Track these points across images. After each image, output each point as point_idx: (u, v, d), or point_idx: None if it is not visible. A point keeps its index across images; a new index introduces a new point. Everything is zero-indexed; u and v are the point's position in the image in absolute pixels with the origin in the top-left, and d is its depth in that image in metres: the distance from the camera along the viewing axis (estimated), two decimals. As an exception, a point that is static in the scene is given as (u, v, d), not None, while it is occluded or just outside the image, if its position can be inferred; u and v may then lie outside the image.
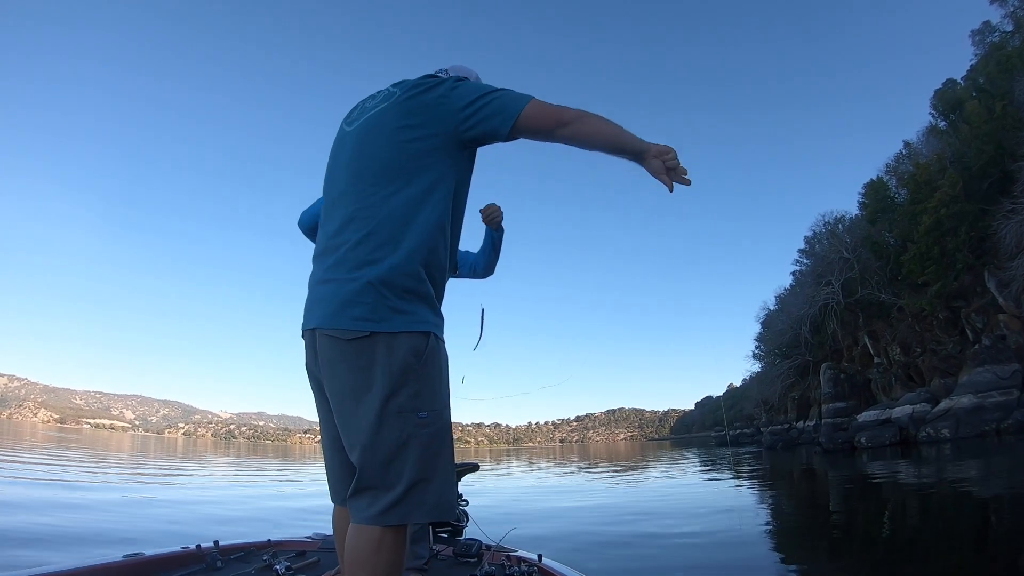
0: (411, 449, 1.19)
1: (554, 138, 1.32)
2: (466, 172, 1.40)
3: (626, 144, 1.34)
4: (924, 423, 22.36)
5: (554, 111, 1.30)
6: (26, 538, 4.52)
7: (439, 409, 1.26)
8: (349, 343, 1.22)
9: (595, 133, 1.33)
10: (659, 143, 1.35)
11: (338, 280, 1.26)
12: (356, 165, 1.33)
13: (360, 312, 1.21)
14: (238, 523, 6.65)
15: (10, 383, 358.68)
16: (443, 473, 1.25)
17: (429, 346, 1.25)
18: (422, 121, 1.30)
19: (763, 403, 44.49)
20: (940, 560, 4.57)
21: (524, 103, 1.29)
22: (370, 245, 1.25)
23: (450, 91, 1.31)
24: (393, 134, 1.30)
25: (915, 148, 34.97)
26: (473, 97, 1.30)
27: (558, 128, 1.30)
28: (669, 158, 1.33)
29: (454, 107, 1.29)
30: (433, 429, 1.23)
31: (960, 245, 26.05)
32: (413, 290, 1.25)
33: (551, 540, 5.41)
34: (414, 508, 1.19)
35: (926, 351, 26.88)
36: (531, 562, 2.35)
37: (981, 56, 32.41)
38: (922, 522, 6.45)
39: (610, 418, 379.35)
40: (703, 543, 5.35)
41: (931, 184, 27.77)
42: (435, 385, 1.26)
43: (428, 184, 1.30)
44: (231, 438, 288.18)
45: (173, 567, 2.07)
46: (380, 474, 1.19)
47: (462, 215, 1.44)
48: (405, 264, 1.24)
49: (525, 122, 1.29)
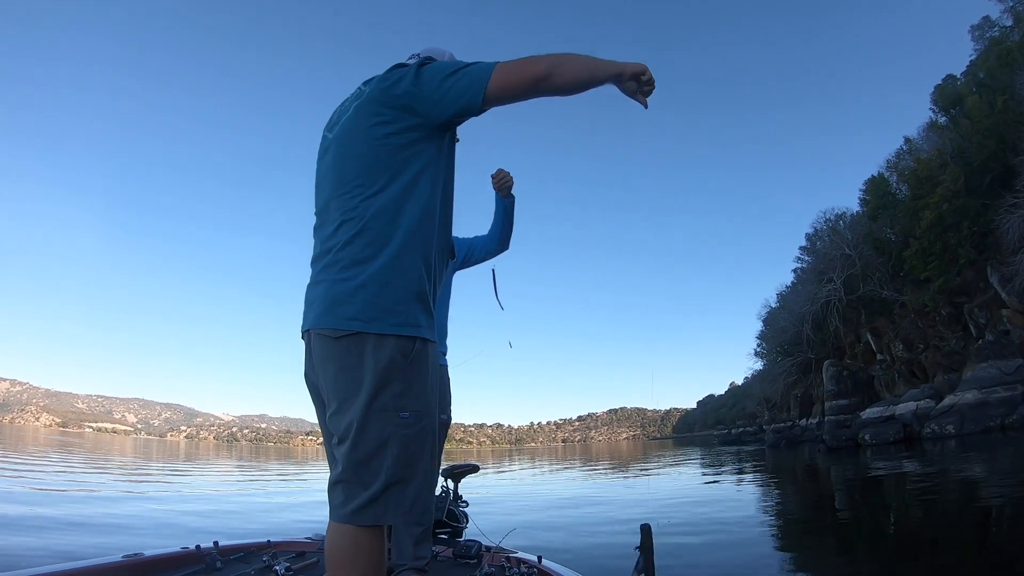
0: (390, 449, 1.19)
1: (535, 95, 1.29)
2: (448, 154, 1.40)
3: (604, 74, 1.31)
4: (928, 419, 22.25)
5: (524, 68, 1.25)
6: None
7: (422, 411, 1.25)
8: (338, 341, 1.23)
9: (574, 79, 1.28)
10: (633, 62, 1.34)
11: (329, 281, 1.27)
12: (339, 169, 1.33)
13: (350, 311, 1.22)
14: (238, 524, 6.63)
15: (12, 387, 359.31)
16: (422, 475, 1.23)
17: (416, 348, 1.25)
18: (395, 115, 1.29)
19: (765, 401, 44.52)
20: (946, 557, 4.52)
21: (490, 72, 1.25)
22: (360, 243, 1.25)
23: (416, 78, 1.29)
24: (369, 132, 1.30)
25: (916, 144, 34.92)
26: (440, 80, 1.27)
27: (536, 85, 1.26)
28: (646, 78, 1.34)
29: (423, 94, 1.28)
30: (414, 430, 1.22)
31: (962, 240, 25.97)
32: (405, 287, 1.25)
33: (552, 540, 5.33)
34: (389, 509, 1.18)
35: (929, 347, 26.80)
36: (531, 564, 2.35)
37: (981, 51, 32.38)
38: (929, 519, 6.39)
39: (612, 418, 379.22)
40: (706, 542, 5.30)
41: (932, 180, 27.69)
42: (420, 387, 1.26)
43: (412, 175, 1.29)
44: (233, 441, 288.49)
45: (172, 567, 2.06)
46: (357, 471, 1.19)
47: (451, 197, 1.43)
48: (397, 259, 1.25)
49: (496, 91, 1.25)
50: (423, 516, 1.25)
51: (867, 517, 6.66)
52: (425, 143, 1.31)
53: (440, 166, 1.36)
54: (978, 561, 4.26)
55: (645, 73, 1.33)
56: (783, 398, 40.40)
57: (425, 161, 1.31)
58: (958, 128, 29.23)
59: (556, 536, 5.76)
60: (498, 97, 1.26)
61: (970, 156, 26.98)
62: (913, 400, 24.26)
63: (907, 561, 4.41)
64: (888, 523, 6.17)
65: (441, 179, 1.36)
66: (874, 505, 7.77)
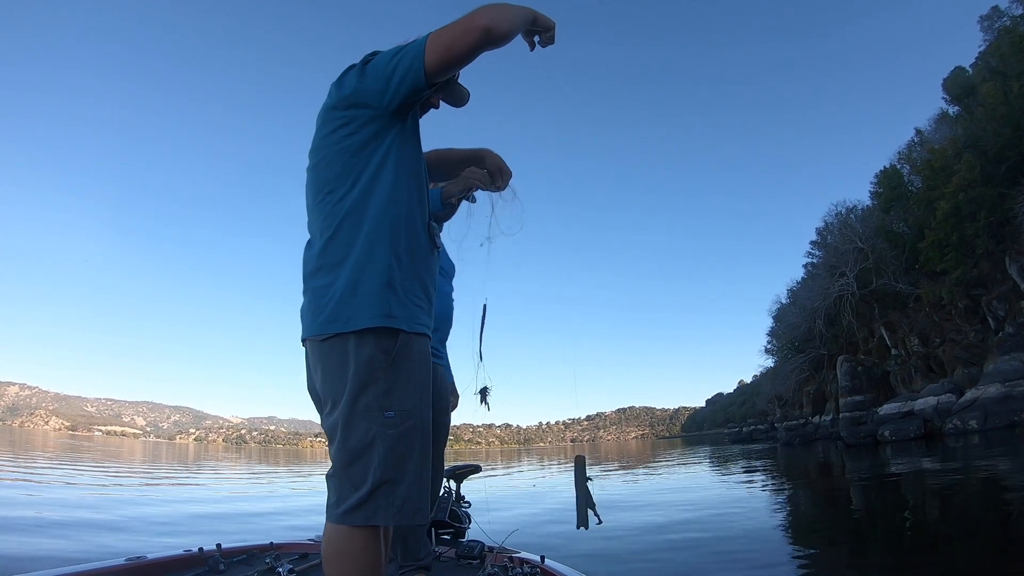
0: (376, 449, 1.18)
1: (482, 50, 1.25)
2: (412, 128, 1.38)
3: (526, 18, 1.33)
4: (950, 415, 21.70)
5: (461, 28, 1.22)
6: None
7: (409, 409, 1.23)
8: (322, 344, 1.25)
9: (511, 26, 1.27)
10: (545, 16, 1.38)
11: (312, 289, 1.29)
12: (313, 181, 1.35)
13: (329, 315, 1.24)
14: (240, 525, 6.62)
15: (21, 391, 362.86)
16: (412, 476, 1.22)
17: (400, 343, 1.24)
18: (351, 115, 1.30)
19: (777, 398, 43.98)
20: (985, 558, 4.24)
21: (423, 44, 1.23)
22: (333, 248, 1.27)
23: (361, 73, 1.30)
24: (330, 139, 1.31)
25: (926, 136, 34.48)
26: (382, 67, 1.27)
27: (477, 46, 1.23)
28: (549, 35, 1.41)
29: (370, 88, 1.28)
30: (400, 429, 1.21)
31: (979, 231, 25.42)
32: (376, 278, 1.24)
33: (555, 540, 5.28)
34: (379, 510, 1.17)
35: (946, 341, 26.30)
36: (533, 564, 2.34)
37: (992, 41, 31.98)
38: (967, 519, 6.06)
39: (621, 417, 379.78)
40: (722, 544, 5.08)
41: (947, 170, 27.20)
42: (405, 385, 1.24)
43: (375, 167, 1.29)
44: (242, 443, 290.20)
45: (175, 570, 2.05)
46: (347, 472, 1.19)
47: (421, 170, 1.40)
48: (366, 253, 1.25)
49: (436, 62, 1.22)
50: (415, 517, 1.21)
51: (899, 518, 6.34)
52: (384, 133, 1.30)
53: (404, 145, 1.34)
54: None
55: (551, 30, 1.40)
56: (795, 395, 39.91)
57: (386, 149, 1.30)
58: (972, 117, 28.72)
59: (558, 536, 5.67)
60: (442, 66, 1.23)
61: (985, 144, 26.50)
62: (933, 395, 23.75)
63: (944, 564, 4.16)
64: (926, 522, 5.89)
65: (408, 156, 1.34)
66: (905, 506, 7.44)
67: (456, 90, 1.47)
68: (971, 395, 21.70)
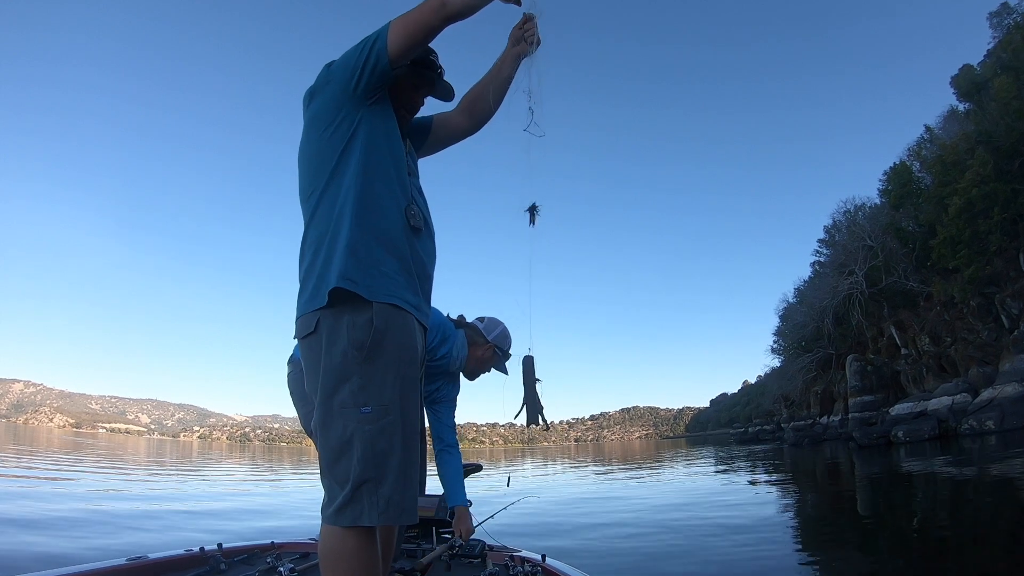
0: (355, 447, 1.16)
1: (443, 26, 1.26)
2: (381, 122, 1.36)
3: None
4: (966, 415, 21.24)
5: (417, 12, 1.24)
6: None
7: (387, 404, 1.19)
8: (303, 340, 1.26)
9: (466, 2, 1.25)
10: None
11: (302, 283, 1.29)
12: (300, 176, 1.37)
13: (305, 296, 1.25)
14: (241, 525, 6.49)
15: (26, 389, 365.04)
16: (395, 473, 1.17)
17: (375, 331, 1.20)
18: (326, 109, 1.32)
19: (783, 398, 43.57)
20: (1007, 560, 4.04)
21: (386, 28, 1.26)
22: (309, 241, 1.28)
23: (329, 66, 1.34)
24: (313, 135, 1.33)
25: (936, 133, 34.10)
26: (348, 55, 1.30)
27: (435, 23, 1.24)
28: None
29: (338, 76, 1.30)
30: (379, 425, 1.17)
31: (993, 227, 24.93)
32: (342, 247, 1.22)
33: (556, 539, 5.22)
34: (364, 510, 1.14)
35: (958, 340, 25.88)
36: (535, 562, 2.34)
37: (1002, 37, 31.68)
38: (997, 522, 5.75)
39: (625, 417, 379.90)
40: (729, 545, 4.95)
41: (959, 165, 26.77)
42: (383, 378, 1.20)
43: (344, 151, 1.29)
44: (246, 441, 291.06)
45: (176, 570, 2.05)
46: (331, 471, 1.18)
47: (396, 157, 1.37)
48: (336, 229, 1.24)
49: (399, 40, 1.25)
50: (401, 516, 1.17)
51: (920, 522, 6.07)
52: (354, 115, 1.31)
53: (375, 130, 1.33)
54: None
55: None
56: (802, 395, 39.50)
57: (355, 131, 1.30)
58: (984, 112, 28.26)
59: (560, 535, 5.60)
60: (405, 43, 1.25)
61: (998, 139, 26.02)
62: (947, 395, 23.35)
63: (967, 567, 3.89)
64: (946, 525, 5.62)
65: (379, 138, 1.33)
66: (932, 507, 7.15)
67: (443, 86, 1.51)
68: (987, 395, 21.29)
